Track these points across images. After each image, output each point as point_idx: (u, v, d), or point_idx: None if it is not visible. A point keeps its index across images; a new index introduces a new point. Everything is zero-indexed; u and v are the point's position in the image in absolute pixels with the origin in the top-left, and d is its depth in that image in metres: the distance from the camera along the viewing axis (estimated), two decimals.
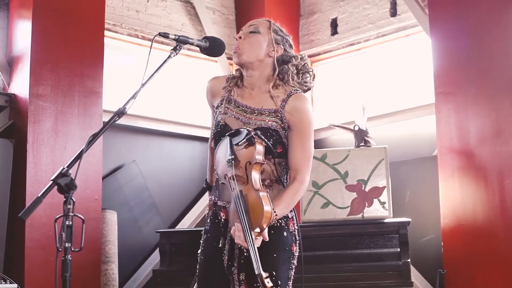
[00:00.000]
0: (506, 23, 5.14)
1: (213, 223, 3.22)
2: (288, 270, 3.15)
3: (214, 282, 3.16)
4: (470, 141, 5.18)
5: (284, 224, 3.15)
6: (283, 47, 3.23)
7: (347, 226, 4.87)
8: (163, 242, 5.05)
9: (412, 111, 6.14)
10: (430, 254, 5.60)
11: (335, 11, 6.90)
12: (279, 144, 3.14)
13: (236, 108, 3.22)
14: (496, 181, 5.00)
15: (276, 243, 3.09)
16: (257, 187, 2.93)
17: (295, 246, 3.19)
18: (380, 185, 4.95)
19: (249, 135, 3.00)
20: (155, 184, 6.34)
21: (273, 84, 3.22)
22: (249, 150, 2.99)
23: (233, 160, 3.01)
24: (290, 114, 3.14)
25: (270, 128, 3.13)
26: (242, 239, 2.86)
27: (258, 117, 3.16)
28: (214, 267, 3.16)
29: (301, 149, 3.16)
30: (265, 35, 3.21)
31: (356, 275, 4.65)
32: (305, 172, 3.16)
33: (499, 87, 5.09)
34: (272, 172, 3.14)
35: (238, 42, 3.21)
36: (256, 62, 3.18)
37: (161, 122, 6.43)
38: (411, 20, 6.23)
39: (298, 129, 3.15)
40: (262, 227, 2.87)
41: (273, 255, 3.05)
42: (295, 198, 3.14)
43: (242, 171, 2.98)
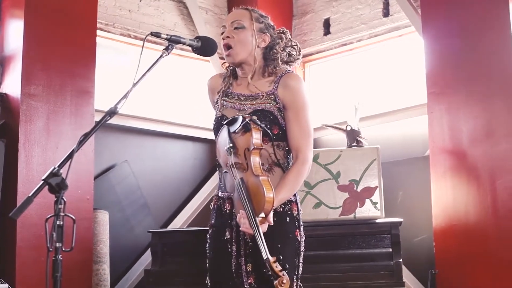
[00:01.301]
0: (498, 24, 5.14)
1: (218, 216, 3.23)
2: (295, 257, 3.14)
3: (225, 276, 3.16)
4: (462, 141, 5.18)
5: (287, 209, 3.14)
6: (269, 33, 3.27)
7: (339, 226, 4.86)
8: (155, 242, 5.03)
9: (404, 111, 6.15)
10: (422, 254, 5.60)
11: (327, 11, 6.90)
12: (275, 125, 3.15)
13: (232, 99, 3.26)
14: (488, 182, 5.00)
15: (279, 232, 3.08)
16: (257, 173, 2.93)
17: (299, 231, 3.19)
18: (372, 185, 4.94)
19: (244, 122, 3.01)
20: (147, 184, 6.33)
21: (265, 71, 3.25)
22: (246, 136, 3.01)
23: (231, 148, 3.02)
24: (283, 93, 3.17)
25: (264, 110, 3.15)
26: (247, 226, 2.88)
27: (253, 101, 3.20)
28: (222, 260, 3.17)
29: (298, 127, 3.16)
30: (250, 28, 3.25)
31: (348, 275, 4.63)
32: (306, 150, 3.16)
33: (491, 87, 5.09)
34: (270, 156, 3.14)
35: (228, 41, 3.22)
36: (248, 57, 3.23)
37: (154, 122, 6.42)
38: (403, 21, 6.23)
39: (293, 107, 3.17)
40: (267, 212, 2.87)
41: (277, 246, 3.05)
42: (299, 179, 3.14)
43: (241, 158, 3.00)
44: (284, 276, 2.76)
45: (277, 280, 2.74)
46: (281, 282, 2.74)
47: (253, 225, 2.83)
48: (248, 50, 3.23)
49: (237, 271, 3.12)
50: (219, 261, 3.20)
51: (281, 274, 2.75)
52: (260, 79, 3.27)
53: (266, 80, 3.26)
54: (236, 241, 3.13)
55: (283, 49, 3.32)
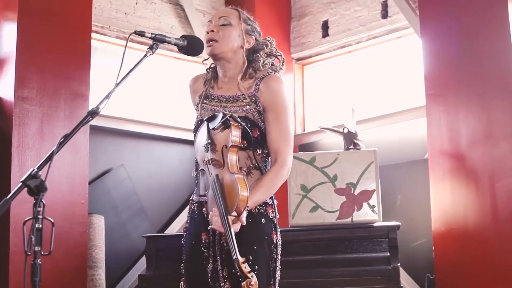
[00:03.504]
0: (497, 25, 5.08)
1: (192, 219, 3.19)
2: (271, 262, 3.08)
3: (200, 281, 3.11)
4: (461, 143, 5.12)
5: (263, 211, 3.09)
6: (254, 37, 3.25)
7: (336, 230, 4.79)
8: (150, 246, 4.97)
9: (403, 114, 6.08)
10: (421, 258, 5.54)
11: (326, 13, 6.84)
12: (255, 128, 3.09)
13: (212, 101, 3.23)
14: (487, 184, 4.94)
15: (254, 233, 3.03)
16: (233, 170, 2.88)
17: (275, 233, 3.13)
18: (370, 189, 4.87)
19: (224, 118, 2.97)
20: (144, 188, 6.27)
21: (246, 73, 3.21)
22: (225, 133, 2.97)
23: (209, 144, 2.98)
24: (263, 95, 3.13)
25: (244, 112, 3.10)
26: (219, 224, 2.82)
27: (234, 103, 3.16)
28: (197, 265, 3.12)
29: (278, 130, 3.12)
30: (237, 27, 3.23)
31: (345, 280, 4.56)
32: (286, 153, 3.11)
33: (490, 89, 5.03)
34: (250, 159, 3.08)
35: (212, 35, 3.19)
36: (230, 53, 3.20)
37: (150, 126, 6.36)
38: (402, 22, 6.17)
39: (273, 109, 3.13)
40: (239, 211, 2.81)
41: (253, 248, 2.99)
42: (277, 181, 3.07)
43: (218, 155, 2.95)
44: (253, 278, 2.70)
45: (245, 281, 2.68)
46: (249, 283, 2.68)
47: (225, 223, 2.77)
48: (230, 47, 3.19)
49: (213, 276, 3.06)
50: (194, 266, 3.15)
51: (250, 276, 2.69)
52: (242, 81, 3.23)
53: (247, 82, 3.22)
54: (212, 246, 3.08)
55: (267, 55, 3.29)
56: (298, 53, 6.96)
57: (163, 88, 6.64)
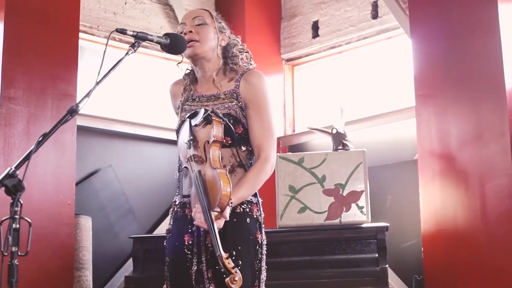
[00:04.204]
0: (487, 25, 5.05)
1: (174, 221, 3.16)
2: (256, 262, 3.05)
3: (183, 283, 3.07)
4: (451, 144, 5.09)
5: (248, 210, 3.05)
6: (227, 35, 3.25)
7: (324, 231, 4.75)
8: (136, 248, 4.94)
9: (393, 114, 6.06)
10: (411, 259, 5.51)
11: (316, 13, 6.82)
12: (238, 124, 3.07)
13: (194, 102, 3.20)
14: (477, 185, 4.91)
15: (239, 233, 2.99)
16: (215, 165, 2.85)
17: (260, 233, 3.09)
18: (358, 189, 4.84)
19: (206, 114, 2.94)
20: (132, 189, 6.23)
21: (225, 70, 3.19)
22: (207, 129, 2.95)
23: (191, 141, 2.95)
24: (244, 91, 3.12)
25: (227, 109, 3.08)
26: (202, 220, 2.78)
27: (215, 102, 3.14)
28: (181, 268, 3.08)
29: (260, 125, 3.10)
30: (211, 26, 3.23)
31: (333, 281, 4.54)
32: (269, 149, 3.08)
33: (480, 89, 5.00)
34: (234, 156, 3.06)
35: (192, 35, 3.16)
36: (210, 52, 3.19)
37: (139, 126, 6.33)
38: (392, 23, 6.15)
39: (254, 104, 3.11)
40: (223, 206, 2.78)
41: (237, 248, 2.95)
42: (261, 178, 3.05)
43: (200, 151, 2.93)
44: (237, 274, 2.66)
45: (228, 277, 2.65)
46: (233, 279, 2.64)
47: (208, 219, 2.74)
48: (210, 46, 3.19)
49: (197, 278, 3.02)
50: (178, 268, 3.11)
51: (234, 271, 2.66)
52: (222, 79, 3.21)
53: (227, 79, 3.20)
54: (197, 247, 3.04)
55: (239, 52, 3.28)
56: (288, 53, 6.93)
57: (152, 89, 6.60)
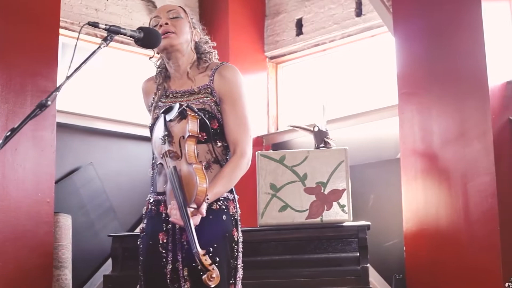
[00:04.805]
0: (471, 23, 5.03)
1: (149, 219, 3.10)
2: (232, 260, 3.00)
3: (158, 283, 3.02)
4: (434, 143, 5.07)
5: (224, 206, 3.00)
6: (199, 29, 3.21)
7: (305, 230, 4.71)
8: (116, 246, 4.87)
9: (376, 113, 6.03)
10: (393, 259, 5.47)
11: (300, 11, 6.78)
12: (213, 119, 3.03)
13: (167, 98, 3.15)
14: (460, 184, 4.88)
15: (215, 230, 2.94)
16: (191, 161, 2.79)
17: (236, 230, 3.04)
18: (340, 188, 4.80)
19: (180, 108, 2.89)
20: (113, 187, 6.18)
21: (199, 65, 3.15)
22: (182, 124, 2.89)
23: (166, 136, 2.90)
24: (219, 86, 3.08)
25: (201, 104, 3.04)
26: (178, 217, 2.73)
27: (190, 97, 3.09)
28: (155, 267, 3.03)
29: (235, 120, 3.05)
30: (186, 20, 3.19)
31: (313, 281, 4.50)
32: (244, 144, 3.04)
33: (463, 87, 4.97)
34: (209, 152, 3.01)
35: (167, 27, 3.11)
36: (185, 45, 3.15)
37: (120, 124, 6.27)
38: (376, 20, 6.12)
39: (229, 99, 3.07)
40: (199, 202, 2.72)
41: (213, 245, 2.90)
42: (237, 173, 3.00)
43: (176, 147, 2.87)
44: (214, 271, 2.61)
45: (206, 275, 2.59)
46: (210, 276, 2.59)
47: (184, 216, 2.69)
48: (185, 39, 3.14)
49: (172, 277, 2.97)
50: (152, 268, 3.05)
51: (211, 268, 2.61)
52: (196, 74, 3.16)
53: (202, 74, 3.16)
54: (172, 245, 2.99)
55: (210, 49, 3.25)
56: (272, 51, 6.90)
57: (134, 86, 6.53)
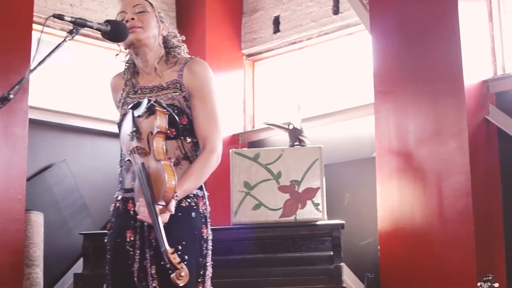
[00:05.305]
0: (446, 22, 5.03)
1: (116, 217, 3.04)
2: (201, 258, 2.95)
3: (124, 281, 2.96)
4: (409, 141, 5.05)
5: (193, 203, 2.95)
6: (167, 25, 3.15)
7: (278, 229, 4.69)
8: (87, 244, 4.82)
9: (352, 111, 6.00)
10: (368, 258, 5.44)
11: (278, 8, 6.74)
12: (183, 115, 2.97)
13: (136, 94, 3.09)
14: (435, 183, 4.88)
15: (184, 228, 2.89)
16: (159, 157, 2.73)
17: (206, 228, 2.99)
18: (314, 186, 4.77)
19: (149, 104, 2.84)
20: (87, 185, 6.11)
21: (167, 60, 3.09)
22: (150, 120, 2.83)
23: (134, 132, 2.84)
24: (188, 81, 3.02)
25: (170, 99, 2.98)
26: (146, 214, 2.67)
27: (158, 93, 3.03)
28: (122, 265, 2.96)
29: (205, 115, 3.00)
30: (153, 14, 3.12)
31: (286, 280, 4.48)
32: (214, 139, 2.98)
33: (439, 86, 4.97)
34: (179, 148, 2.95)
35: (134, 22, 3.05)
36: (152, 40, 3.08)
37: (94, 121, 6.21)
38: (353, 18, 6.09)
39: (198, 94, 3.01)
40: (167, 199, 2.67)
41: (182, 243, 2.85)
42: (206, 169, 2.94)
43: (144, 143, 2.81)
44: (183, 269, 2.56)
45: (174, 273, 2.55)
46: (179, 275, 2.54)
47: (152, 213, 2.63)
48: (153, 33, 3.08)
49: (140, 276, 2.91)
50: (119, 266, 2.99)
51: (180, 267, 2.55)
52: (164, 69, 3.11)
53: (170, 69, 3.10)
54: (140, 243, 2.93)
55: (179, 43, 3.19)
56: (248, 49, 6.85)
57: (107, 83, 6.46)
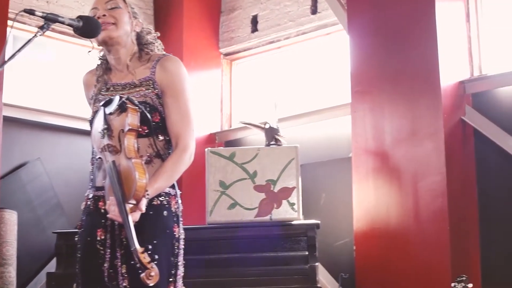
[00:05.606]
0: (424, 23, 5.04)
1: (87, 215, 3.00)
2: (172, 257, 2.92)
3: (94, 280, 2.92)
4: (385, 142, 5.06)
5: (165, 202, 2.92)
6: (140, 21, 3.10)
7: (254, 228, 4.66)
8: (60, 243, 4.77)
9: (329, 111, 5.99)
10: (344, 258, 5.44)
11: (256, 7, 6.72)
12: (155, 112, 2.93)
13: (107, 92, 3.04)
14: (411, 183, 4.89)
15: (155, 226, 2.85)
16: (130, 155, 2.69)
17: (177, 227, 2.96)
18: (290, 186, 4.75)
19: (120, 101, 2.79)
20: (61, 183, 6.05)
21: (140, 57, 3.05)
22: (122, 117, 2.78)
23: (105, 130, 2.80)
24: (160, 78, 2.98)
25: (142, 97, 2.94)
26: (116, 213, 2.64)
27: (131, 90, 2.98)
28: (92, 264, 2.92)
29: (178, 112, 2.96)
30: (125, 10, 3.06)
31: (260, 280, 4.45)
32: (187, 137, 2.94)
33: (416, 86, 4.98)
34: (151, 146, 2.91)
35: (106, 19, 3.00)
36: (125, 37, 3.03)
37: (69, 118, 6.15)
38: (331, 18, 6.08)
39: (171, 91, 2.97)
40: (138, 198, 2.63)
41: (153, 242, 2.82)
42: (179, 168, 2.90)
43: (115, 141, 2.77)
44: (153, 269, 2.53)
45: (144, 273, 2.51)
46: (149, 274, 2.51)
47: (123, 212, 2.60)
48: (125, 30, 3.03)
49: (110, 275, 2.88)
50: (89, 264, 2.95)
51: (150, 266, 2.53)
52: (137, 66, 3.07)
53: (143, 66, 3.06)
54: (111, 242, 2.89)
55: (153, 40, 3.15)
56: (226, 48, 6.83)
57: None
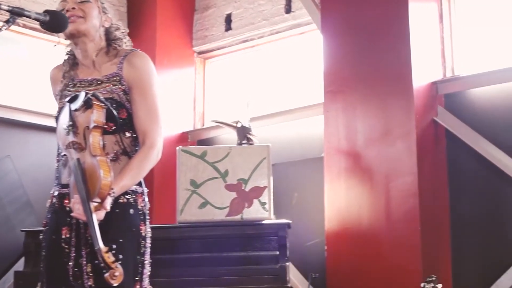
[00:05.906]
0: (397, 23, 5.05)
1: (52, 213, 2.95)
2: (138, 256, 2.88)
3: (59, 279, 2.88)
4: (358, 142, 5.05)
5: (132, 200, 2.88)
6: (110, 16, 3.07)
7: (224, 228, 4.64)
8: (28, 241, 4.72)
9: (301, 111, 5.97)
10: (315, 258, 5.42)
11: (230, 6, 6.69)
12: (122, 108, 2.89)
13: (74, 88, 2.99)
14: (382, 184, 4.88)
15: (121, 225, 2.81)
16: (95, 153, 2.66)
17: (144, 225, 2.92)
18: (261, 185, 4.73)
19: (86, 97, 2.75)
20: (31, 181, 5.98)
21: (108, 52, 3.01)
22: (87, 114, 2.75)
23: (70, 126, 2.75)
24: (127, 74, 2.94)
25: (109, 93, 2.90)
26: (80, 212, 2.60)
27: (98, 86, 2.94)
28: (57, 262, 2.88)
29: (145, 109, 2.92)
30: (95, 4, 3.02)
31: (230, 279, 4.42)
32: (155, 134, 2.91)
33: (389, 86, 4.98)
34: (118, 143, 2.87)
35: (75, 12, 2.96)
36: (93, 31, 2.99)
37: (40, 116, 6.08)
38: (305, 18, 6.07)
39: (138, 87, 2.93)
40: (103, 196, 2.60)
41: (119, 241, 2.78)
42: (146, 165, 2.87)
43: (80, 138, 2.73)
44: (118, 268, 2.50)
45: (108, 273, 2.48)
46: (113, 274, 2.48)
47: (87, 210, 2.56)
48: (93, 24, 2.99)
49: (75, 273, 2.83)
50: (54, 263, 2.91)
51: (114, 266, 2.49)
52: (104, 62, 3.02)
53: (110, 62, 3.02)
54: (76, 240, 2.85)
55: (122, 36, 3.11)
56: (200, 46, 6.79)
57: None
